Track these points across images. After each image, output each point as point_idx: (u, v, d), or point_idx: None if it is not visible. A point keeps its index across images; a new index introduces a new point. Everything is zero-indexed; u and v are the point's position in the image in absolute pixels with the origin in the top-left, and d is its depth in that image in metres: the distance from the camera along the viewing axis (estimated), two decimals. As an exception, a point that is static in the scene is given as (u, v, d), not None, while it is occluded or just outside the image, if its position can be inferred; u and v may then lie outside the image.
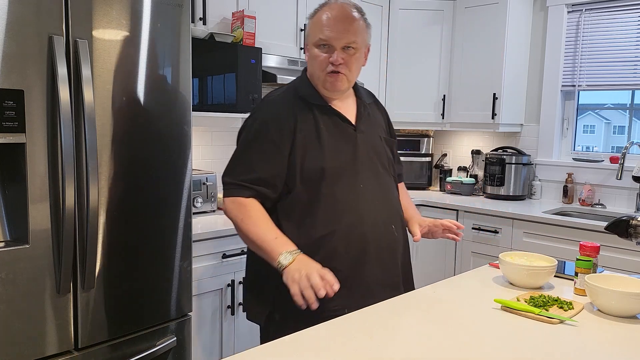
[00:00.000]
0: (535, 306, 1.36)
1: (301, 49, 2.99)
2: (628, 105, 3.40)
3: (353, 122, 1.58)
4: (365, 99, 1.66)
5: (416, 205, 3.47)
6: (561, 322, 1.28)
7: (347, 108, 1.61)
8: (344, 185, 1.51)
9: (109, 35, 1.64)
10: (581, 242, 1.58)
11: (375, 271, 1.53)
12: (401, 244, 1.63)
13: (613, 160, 3.27)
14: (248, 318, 1.62)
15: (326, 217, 1.48)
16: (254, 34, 2.65)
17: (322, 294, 1.28)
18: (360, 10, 1.54)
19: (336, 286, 1.31)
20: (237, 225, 1.49)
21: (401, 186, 1.83)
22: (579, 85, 3.47)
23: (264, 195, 1.50)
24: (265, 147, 1.50)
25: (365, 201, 1.53)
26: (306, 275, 1.31)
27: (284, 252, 1.38)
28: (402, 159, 3.93)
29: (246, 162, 1.51)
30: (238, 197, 1.48)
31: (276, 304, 1.51)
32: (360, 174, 1.54)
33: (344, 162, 1.52)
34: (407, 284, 1.66)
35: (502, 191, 3.52)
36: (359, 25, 1.51)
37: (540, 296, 1.42)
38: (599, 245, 1.56)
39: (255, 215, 1.47)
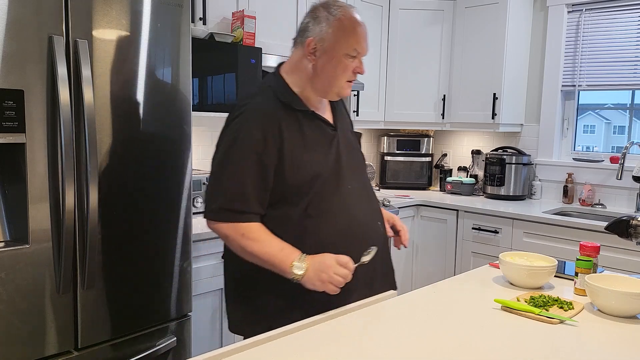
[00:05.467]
0: (535, 306, 1.36)
1: (301, 49, 2.99)
2: (628, 105, 3.40)
3: (331, 122, 1.58)
4: None
5: (416, 205, 3.48)
6: (561, 322, 1.28)
7: (324, 108, 1.60)
8: (333, 189, 1.50)
9: (109, 35, 1.64)
10: (581, 242, 1.58)
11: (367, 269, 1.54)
12: (383, 238, 1.63)
13: (613, 160, 3.27)
14: (243, 336, 1.52)
15: (323, 224, 1.47)
16: (254, 34, 2.65)
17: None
18: None
19: (349, 277, 1.37)
20: (234, 239, 1.44)
21: None
22: (579, 85, 3.47)
23: (257, 216, 1.46)
24: (252, 162, 1.43)
25: (354, 202, 1.53)
26: (328, 280, 1.34)
27: (294, 262, 1.36)
28: (402, 159, 3.97)
29: (236, 183, 1.44)
30: (234, 222, 1.43)
31: (277, 317, 1.43)
32: (345, 175, 1.53)
33: (331, 165, 1.51)
34: (390, 277, 1.65)
35: (502, 191, 3.52)
36: None
37: (540, 296, 1.42)
38: (599, 245, 1.56)
39: (253, 227, 1.43)
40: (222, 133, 1.52)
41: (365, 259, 1.43)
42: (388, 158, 3.92)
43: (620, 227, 1.60)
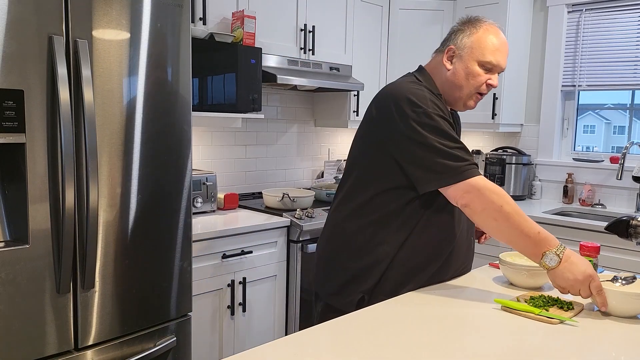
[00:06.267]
0: (535, 306, 1.35)
1: (301, 49, 2.99)
2: (628, 105, 3.40)
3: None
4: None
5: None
6: (561, 322, 1.28)
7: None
8: None
9: (109, 35, 1.64)
10: (581, 242, 1.58)
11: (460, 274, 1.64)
12: (472, 251, 1.71)
13: (613, 160, 3.27)
14: (336, 305, 1.59)
15: (446, 223, 1.53)
16: (254, 34, 2.65)
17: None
18: None
19: (602, 301, 1.33)
20: (493, 210, 1.38)
21: None
22: (579, 85, 3.47)
23: None
24: (455, 137, 1.45)
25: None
26: (574, 287, 1.34)
27: (548, 253, 1.35)
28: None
29: (456, 148, 1.43)
30: (479, 176, 1.41)
31: (371, 292, 1.53)
32: None
33: None
34: None
35: (502, 191, 3.51)
36: None
37: (540, 296, 1.41)
38: (599, 245, 1.56)
39: (512, 201, 1.39)
40: (411, 121, 1.45)
41: (618, 284, 1.39)
42: (388, 158, 3.91)
43: (620, 227, 1.60)
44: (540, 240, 1.36)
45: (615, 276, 1.41)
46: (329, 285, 1.62)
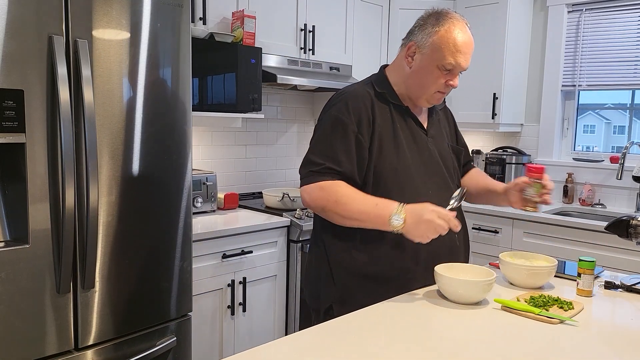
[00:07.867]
0: (535, 306, 1.36)
1: (301, 48, 2.99)
2: (628, 105, 3.40)
3: (425, 127, 1.60)
4: (437, 105, 1.66)
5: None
6: (561, 322, 1.28)
7: (420, 112, 1.63)
8: (413, 190, 1.51)
9: (109, 35, 1.64)
10: (528, 164, 1.55)
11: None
12: (462, 253, 1.64)
13: (613, 160, 3.27)
14: (309, 306, 1.65)
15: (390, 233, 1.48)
16: (254, 33, 2.65)
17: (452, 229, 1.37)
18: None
19: (455, 223, 1.36)
20: (329, 209, 1.45)
21: (477, 171, 1.89)
22: (579, 85, 3.47)
23: (349, 179, 1.48)
24: (349, 140, 1.47)
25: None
26: (429, 229, 1.35)
27: (391, 216, 1.37)
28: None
29: (330, 154, 1.47)
30: (322, 181, 1.45)
31: (338, 300, 1.53)
32: (428, 180, 1.55)
33: (415, 165, 1.53)
34: (467, 253, 1.69)
35: (502, 191, 3.51)
36: None
37: (540, 296, 1.42)
38: (543, 166, 1.55)
39: (345, 191, 1.43)
40: (319, 120, 1.57)
41: (455, 203, 1.43)
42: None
43: (620, 227, 1.60)
44: (381, 210, 1.39)
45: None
46: (307, 290, 1.66)
